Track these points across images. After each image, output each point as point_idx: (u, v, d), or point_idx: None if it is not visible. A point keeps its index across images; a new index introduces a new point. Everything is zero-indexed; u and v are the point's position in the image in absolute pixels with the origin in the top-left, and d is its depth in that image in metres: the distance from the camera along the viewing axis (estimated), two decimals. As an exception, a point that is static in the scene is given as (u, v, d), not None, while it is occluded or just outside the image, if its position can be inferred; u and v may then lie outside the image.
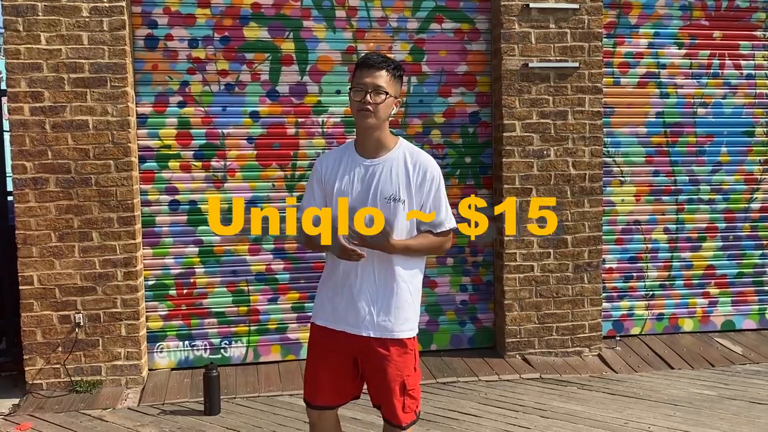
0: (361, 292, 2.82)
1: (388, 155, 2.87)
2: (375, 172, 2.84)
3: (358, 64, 2.85)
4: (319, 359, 2.94)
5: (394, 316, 2.82)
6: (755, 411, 4.52)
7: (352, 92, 2.82)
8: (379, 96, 2.78)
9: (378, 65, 2.80)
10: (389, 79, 2.81)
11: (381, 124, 2.83)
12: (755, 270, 6.14)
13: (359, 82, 2.79)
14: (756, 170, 6.09)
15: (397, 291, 2.84)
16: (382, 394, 2.87)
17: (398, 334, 2.83)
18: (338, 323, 2.86)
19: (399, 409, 2.85)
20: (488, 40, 5.60)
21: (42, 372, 4.92)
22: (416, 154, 2.89)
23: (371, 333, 2.82)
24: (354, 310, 2.82)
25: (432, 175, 2.86)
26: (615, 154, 5.86)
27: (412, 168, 2.84)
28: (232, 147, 5.36)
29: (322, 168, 2.94)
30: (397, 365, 2.83)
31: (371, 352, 2.84)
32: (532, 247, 5.47)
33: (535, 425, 4.31)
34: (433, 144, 5.60)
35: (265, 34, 5.35)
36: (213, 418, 4.50)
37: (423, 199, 2.86)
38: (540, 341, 5.53)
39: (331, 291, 2.89)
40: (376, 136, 2.85)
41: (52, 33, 4.80)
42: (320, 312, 2.93)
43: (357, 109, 2.80)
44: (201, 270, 5.35)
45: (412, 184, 2.84)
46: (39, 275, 4.88)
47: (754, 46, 6.00)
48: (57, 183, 4.88)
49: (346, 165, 2.89)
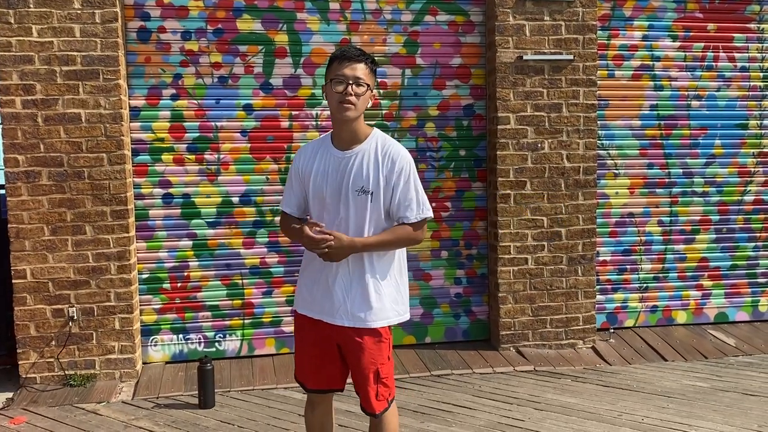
0: (336, 282, 2.90)
1: (361, 146, 2.90)
2: (348, 164, 2.89)
3: (335, 57, 2.87)
4: (305, 347, 3.04)
5: (367, 307, 2.88)
6: (748, 402, 4.55)
7: (331, 84, 2.83)
8: (360, 87, 2.82)
9: (357, 58, 2.83)
10: (368, 72, 2.86)
11: (359, 116, 2.87)
12: (748, 262, 6.17)
13: (339, 74, 2.81)
14: (749, 163, 6.11)
15: (370, 282, 2.89)
16: (358, 382, 2.96)
17: (372, 324, 2.89)
18: (316, 312, 2.95)
19: (372, 396, 2.93)
20: (483, 33, 5.59)
21: (36, 366, 4.90)
22: (387, 144, 2.92)
23: (346, 323, 2.89)
24: (330, 299, 2.90)
25: (401, 164, 2.87)
26: (609, 147, 5.86)
27: (382, 158, 2.87)
28: (226, 140, 5.34)
29: (300, 161, 3.00)
30: (372, 354, 2.90)
31: (348, 340, 2.92)
32: (527, 240, 5.47)
33: (529, 417, 4.33)
34: (427, 137, 5.59)
35: (259, 26, 5.32)
36: (207, 412, 4.50)
37: (393, 189, 2.88)
38: (534, 334, 5.54)
39: (309, 280, 2.98)
40: (352, 127, 2.89)
41: (43, 25, 4.77)
42: (300, 300, 3.03)
43: (338, 101, 2.82)
44: (195, 263, 5.34)
45: (381, 174, 2.86)
46: (32, 269, 4.86)
47: (748, 39, 6.00)
48: (50, 176, 4.85)
49: (321, 157, 2.94)
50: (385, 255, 2.94)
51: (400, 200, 2.88)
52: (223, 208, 5.35)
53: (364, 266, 2.89)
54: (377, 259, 2.91)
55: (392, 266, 2.96)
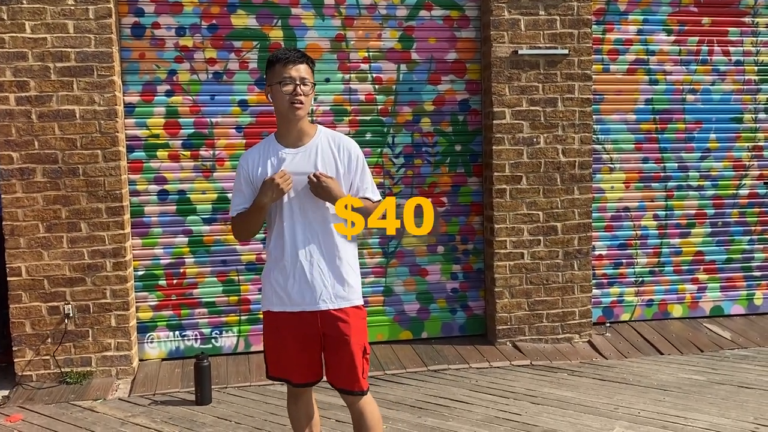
0: (312, 271, 2.97)
1: (311, 141, 3.02)
2: (302, 158, 2.99)
3: (275, 60, 2.96)
4: (288, 344, 3.04)
5: (347, 285, 3.01)
6: (743, 395, 4.56)
7: (279, 86, 2.92)
8: (306, 86, 2.94)
9: (299, 59, 2.95)
10: (310, 71, 2.98)
11: (306, 114, 3.00)
12: (743, 256, 6.18)
13: (287, 76, 2.92)
14: (744, 156, 6.12)
15: (343, 263, 3.01)
16: (345, 362, 3.00)
17: (355, 301, 3.03)
18: (296, 305, 2.99)
19: (360, 372, 3.01)
20: (478, 27, 5.58)
21: (31, 363, 4.89)
22: (338, 137, 3.07)
23: (329, 306, 2.97)
24: (310, 289, 2.97)
25: (356, 154, 3.05)
26: (604, 141, 5.86)
27: (337, 151, 3.02)
28: (221, 136, 5.32)
29: (248, 165, 3.06)
30: (358, 330, 3.02)
31: (333, 320, 2.98)
32: (522, 235, 5.48)
33: (526, 412, 4.33)
34: (423, 132, 5.58)
35: (253, 21, 5.30)
36: (204, 408, 4.49)
37: (352, 178, 3.03)
38: (530, 328, 5.55)
39: (281, 277, 3.01)
40: (300, 125, 3.00)
41: (37, 21, 4.74)
42: (274, 299, 3.04)
43: (289, 102, 2.93)
44: (191, 260, 5.33)
45: (339, 166, 3.00)
46: (27, 266, 4.85)
47: (742, 33, 6.01)
48: (44, 173, 4.83)
49: (270, 157, 3.02)
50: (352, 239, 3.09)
51: (359, 186, 3.05)
52: (218, 204, 5.34)
53: (337, 249, 2.99)
54: (343, 241, 3.02)
55: (353, 248, 3.10)
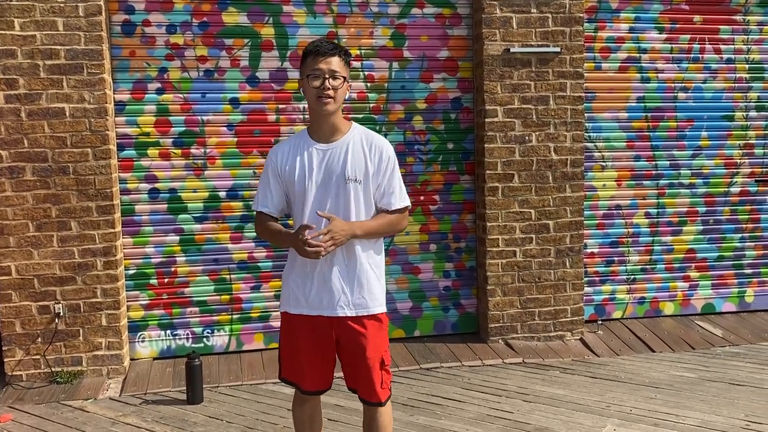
0: (332, 274, 2.91)
1: (343, 138, 2.95)
2: (333, 156, 2.92)
3: (308, 52, 2.90)
4: (302, 348, 2.98)
5: (367, 292, 2.93)
6: (734, 392, 4.58)
7: (308, 80, 2.86)
8: (336, 80, 2.86)
9: (330, 52, 2.87)
10: (342, 64, 2.89)
11: (338, 109, 2.91)
12: (735, 253, 6.20)
13: (315, 69, 2.85)
14: (735, 154, 6.14)
15: (365, 269, 2.93)
16: (361, 373, 2.94)
17: (373, 309, 2.94)
18: (313, 309, 2.94)
19: (378, 384, 2.94)
20: (470, 25, 5.57)
21: (21, 363, 4.86)
22: (371, 136, 2.99)
23: (347, 312, 2.91)
24: (328, 293, 2.91)
25: (388, 155, 2.96)
26: (596, 139, 5.87)
27: (368, 150, 2.94)
28: (212, 134, 5.30)
29: (278, 158, 2.99)
30: (376, 341, 2.94)
31: (349, 331, 2.92)
32: (515, 233, 5.48)
33: (518, 409, 4.33)
34: (415, 130, 5.58)
35: (245, 19, 5.28)
36: (196, 407, 4.48)
37: (380, 180, 2.96)
38: (523, 326, 5.55)
39: (300, 279, 2.96)
40: (332, 120, 2.93)
41: (26, 19, 4.71)
42: (292, 300, 2.99)
43: (316, 96, 2.86)
44: (182, 259, 5.31)
45: (369, 165, 2.93)
46: (17, 265, 4.82)
47: (733, 31, 6.02)
48: (34, 172, 4.80)
49: (302, 152, 2.95)
50: (376, 243, 3.01)
51: (386, 189, 2.96)
52: (210, 203, 5.32)
53: (359, 255, 2.93)
54: (370, 246, 2.96)
55: (378, 255, 3.02)
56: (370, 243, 2.97)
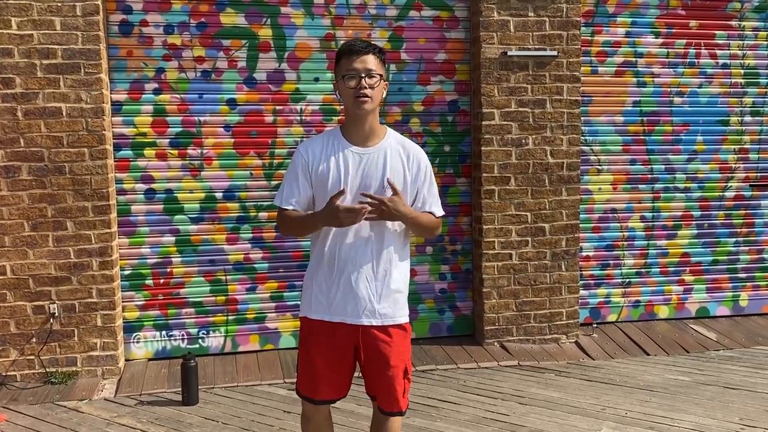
0: (359, 281, 2.81)
1: (380, 144, 2.85)
2: (370, 161, 2.83)
3: (342, 52, 2.80)
4: (318, 355, 2.88)
5: (393, 302, 2.85)
6: (728, 396, 4.59)
7: (344, 80, 2.77)
8: (372, 79, 2.76)
9: (364, 50, 2.78)
10: (378, 62, 2.80)
11: (376, 110, 2.83)
12: (729, 257, 6.23)
13: (350, 68, 2.75)
14: (730, 159, 6.16)
15: (395, 278, 2.86)
16: (383, 382, 2.85)
17: (399, 319, 2.87)
18: (335, 315, 2.83)
19: (400, 394, 2.86)
20: (467, 28, 5.59)
21: (16, 363, 4.84)
22: (408, 144, 2.91)
23: (373, 321, 2.82)
24: (354, 299, 2.81)
25: (425, 165, 2.91)
26: (592, 143, 5.89)
27: (406, 159, 2.86)
28: (209, 135, 5.29)
29: (309, 155, 2.85)
30: (400, 350, 2.85)
31: (373, 339, 2.83)
32: (511, 236, 5.49)
33: (514, 412, 4.34)
34: (412, 132, 5.58)
35: (242, 20, 5.28)
36: (191, 408, 4.46)
37: (418, 190, 2.89)
38: (518, 329, 5.56)
39: (324, 283, 2.85)
40: (369, 122, 2.83)
41: (23, 18, 4.70)
42: (314, 305, 2.88)
43: (353, 96, 2.76)
44: (178, 259, 5.29)
45: (407, 175, 2.86)
46: (12, 265, 4.80)
47: (729, 36, 6.05)
48: (30, 171, 4.79)
49: (336, 153, 2.83)
50: (404, 249, 2.93)
51: (426, 197, 2.91)
52: (206, 204, 5.31)
53: (389, 262, 2.85)
54: (399, 252, 2.89)
55: (406, 265, 2.95)
56: (399, 249, 2.88)
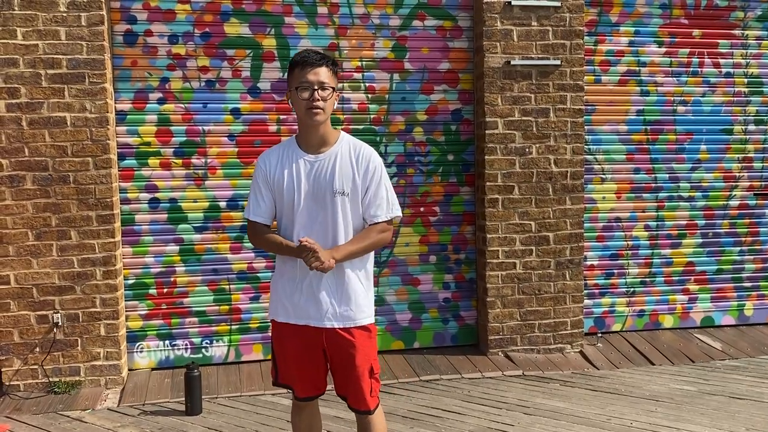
0: (320, 285, 2.92)
1: (331, 149, 2.94)
2: (320, 167, 2.92)
3: (296, 63, 2.88)
4: (290, 357, 3.02)
5: (354, 304, 2.94)
6: (734, 406, 4.57)
7: (297, 91, 2.85)
8: (325, 91, 2.85)
9: (318, 62, 2.86)
10: (330, 75, 2.88)
11: (327, 119, 2.90)
12: (734, 266, 6.21)
13: (303, 80, 2.84)
14: (734, 167, 6.15)
15: (352, 282, 2.94)
16: (351, 382, 2.96)
17: (361, 321, 2.96)
18: (300, 318, 2.95)
19: (367, 393, 2.96)
20: (470, 38, 5.60)
21: (19, 373, 4.83)
22: (359, 146, 2.98)
23: (335, 324, 2.92)
24: (316, 303, 2.92)
25: (374, 165, 2.94)
26: (596, 152, 5.88)
27: (356, 160, 2.93)
28: (213, 144, 5.30)
29: (266, 166, 2.97)
30: (365, 350, 2.95)
31: (338, 341, 2.93)
32: (515, 245, 5.48)
33: (519, 422, 4.32)
34: (415, 141, 5.58)
35: (246, 30, 5.30)
36: (194, 418, 4.45)
37: (366, 190, 2.94)
38: (522, 338, 5.54)
39: (288, 288, 2.97)
40: (321, 132, 2.92)
41: (28, 28, 4.72)
42: (280, 310, 3.00)
43: (306, 108, 2.85)
44: (181, 269, 5.29)
45: (356, 175, 2.92)
46: (16, 274, 4.80)
47: (732, 45, 6.05)
48: (34, 181, 4.80)
49: (290, 162, 2.94)
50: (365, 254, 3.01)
51: (372, 199, 2.95)
52: (210, 213, 5.31)
53: (349, 267, 2.94)
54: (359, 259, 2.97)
55: (365, 266, 3.02)
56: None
